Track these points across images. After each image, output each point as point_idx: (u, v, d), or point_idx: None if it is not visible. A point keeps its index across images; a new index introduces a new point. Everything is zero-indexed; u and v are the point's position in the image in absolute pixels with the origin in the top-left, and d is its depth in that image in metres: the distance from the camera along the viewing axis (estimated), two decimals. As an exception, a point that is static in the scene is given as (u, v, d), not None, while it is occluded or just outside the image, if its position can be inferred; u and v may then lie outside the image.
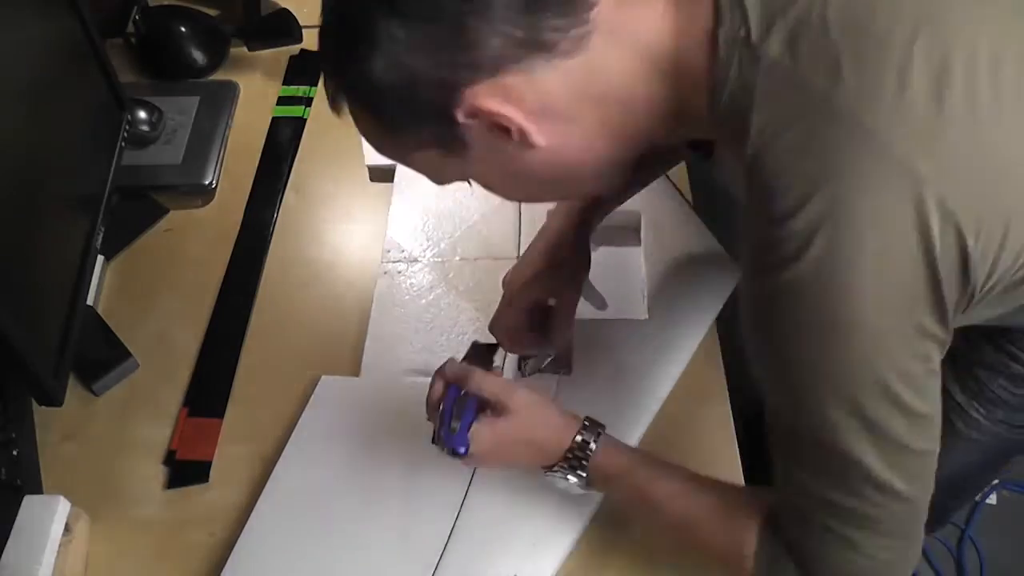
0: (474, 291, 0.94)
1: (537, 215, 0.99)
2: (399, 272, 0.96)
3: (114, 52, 1.16)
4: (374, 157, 1.07)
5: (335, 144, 1.12)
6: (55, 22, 0.92)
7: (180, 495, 0.85)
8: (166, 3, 1.26)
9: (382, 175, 1.08)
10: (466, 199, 1.02)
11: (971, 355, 0.82)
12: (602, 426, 0.72)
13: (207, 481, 0.85)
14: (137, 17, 1.18)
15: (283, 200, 1.08)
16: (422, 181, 1.03)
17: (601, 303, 0.90)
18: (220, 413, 0.90)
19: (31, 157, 0.83)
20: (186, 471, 0.86)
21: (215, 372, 0.93)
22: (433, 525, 0.77)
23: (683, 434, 0.85)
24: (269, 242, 1.04)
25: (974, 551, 1.61)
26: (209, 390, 0.92)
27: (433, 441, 0.72)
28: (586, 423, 0.71)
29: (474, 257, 0.97)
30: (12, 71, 0.81)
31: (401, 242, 0.99)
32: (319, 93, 1.19)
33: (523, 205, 1.01)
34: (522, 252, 0.96)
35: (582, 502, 0.78)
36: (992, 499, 1.66)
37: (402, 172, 1.05)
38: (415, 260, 0.97)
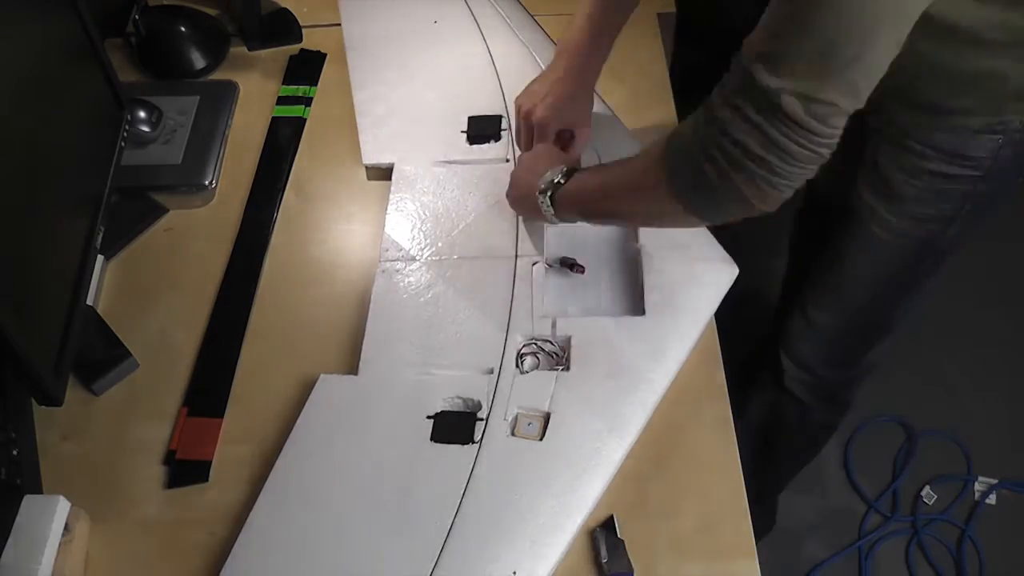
0: (472, 289, 0.94)
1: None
2: (397, 271, 0.96)
3: (114, 52, 1.16)
4: (371, 156, 1.08)
5: (335, 144, 1.12)
6: (55, 22, 0.92)
7: (180, 495, 0.85)
8: (166, 3, 1.26)
9: (379, 174, 1.08)
10: (464, 197, 1.03)
11: (876, 156, 0.93)
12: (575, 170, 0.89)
13: (207, 481, 0.85)
14: (137, 17, 1.18)
15: (283, 200, 1.08)
16: (419, 180, 1.04)
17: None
18: (220, 413, 0.90)
19: (31, 157, 0.83)
20: (186, 471, 0.86)
21: (215, 372, 0.93)
22: (432, 522, 0.77)
23: (683, 434, 0.85)
24: (269, 242, 1.04)
25: (974, 551, 1.61)
26: (209, 390, 0.92)
27: None
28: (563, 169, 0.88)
29: (472, 255, 0.97)
30: (12, 71, 0.81)
31: (399, 240, 0.99)
32: (319, 93, 1.19)
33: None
34: (520, 251, 0.97)
35: (579, 502, 0.79)
36: (992, 499, 1.66)
37: (400, 171, 1.05)
38: (413, 259, 0.97)
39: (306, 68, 1.22)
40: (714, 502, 0.81)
